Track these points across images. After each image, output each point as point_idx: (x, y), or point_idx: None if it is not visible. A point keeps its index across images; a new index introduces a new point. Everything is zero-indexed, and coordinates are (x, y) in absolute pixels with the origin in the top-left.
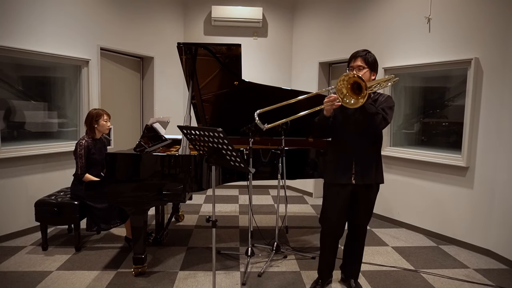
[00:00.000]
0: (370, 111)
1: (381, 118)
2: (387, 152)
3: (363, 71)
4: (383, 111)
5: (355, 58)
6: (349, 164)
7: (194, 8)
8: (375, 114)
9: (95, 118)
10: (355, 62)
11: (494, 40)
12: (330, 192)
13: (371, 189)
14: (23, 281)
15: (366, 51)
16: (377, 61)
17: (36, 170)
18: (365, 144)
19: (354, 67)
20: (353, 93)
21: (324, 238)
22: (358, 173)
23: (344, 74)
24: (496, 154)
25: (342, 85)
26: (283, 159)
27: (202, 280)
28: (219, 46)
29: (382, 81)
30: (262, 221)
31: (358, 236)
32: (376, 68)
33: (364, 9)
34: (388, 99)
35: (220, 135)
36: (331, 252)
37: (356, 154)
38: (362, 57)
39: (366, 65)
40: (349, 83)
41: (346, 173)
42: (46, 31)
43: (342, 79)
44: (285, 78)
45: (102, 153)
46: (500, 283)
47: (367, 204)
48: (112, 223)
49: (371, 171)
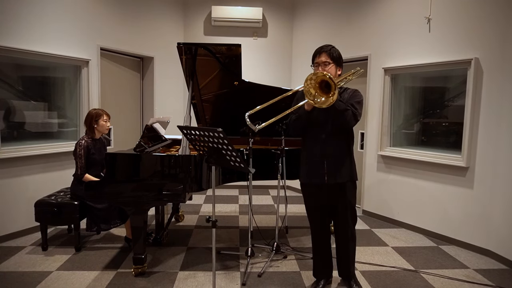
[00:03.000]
0: (339, 108)
1: (351, 115)
2: (387, 152)
3: (328, 66)
4: (352, 106)
5: (320, 53)
6: (321, 163)
7: (194, 8)
8: (344, 111)
9: (95, 118)
10: (319, 58)
11: (494, 40)
12: (306, 193)
13: (347, 187)
14: (23, 281)
15: (330, 46)
16: (341, 55)
17: (36, 170)
18: (336, 142)
19: (319, 63)
20: (322, 92)
21: (312, 239)
22: (330, 172)
23: (310, 73)
24: (496, 154)
25: (309, 85)
26: (283, 159)
27: (202, 280)
28: (219, 46)
29: (349, 75)
30: (262, 221)
31: (344, 236)
32: (341, 63)
33: (364, 9)
34: (355, 93)
35: (220, 135)
36: (320, 252)
37: (327, 153)
38: (327, 52)
39: (332, 60)
40: (317, 82)
41: (318, 173)
42: (46, 31)
43: (309, 79)
44: (285, 78)
45: (101, 153)
46: (500, 283)
47: (345, 203)
48: (112, 223)
49: (343, 169)
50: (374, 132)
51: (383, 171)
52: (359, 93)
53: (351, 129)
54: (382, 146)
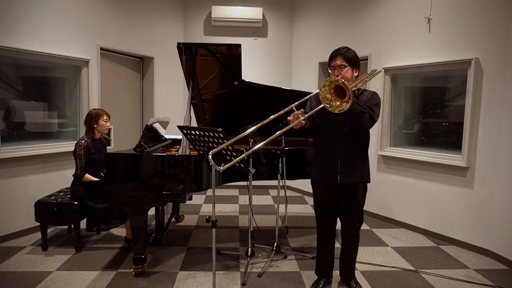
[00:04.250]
0: (356, 111)
1: (367, 117)
2: (387, 152)
3: (344, 69)
4: (369, 109)
5: (335, 57)
6: (335, 163)
7: (194, 8)
8: (361, 113)
9: (95, 118)
10: (335, 61)
11: (494, 40)
12: (317, 192)
13: (357, 188)
14: (23, 281)
15: (346, 48)
16: (357, 56)
17: (36, 170)
18: (351, 143)
19: (335, 66)
20: (337, 96)
21: (317, 237)
22: (343, 172)
23: (325, 80)
24: (496, 154)
25: (326, 91)
26: (283, 159)
27: (202, 280)
28: (219, 46)
29: (365, 77)
30: (262, 221)
31: (349, 236)
32: (358, 64)
33: (364, 9)
34: (374, 96)
35: (220, 135)
36: (324, 251)
37: (342, 153)
38: (342, 55)
39: (347, 63)
40: (331, 87)
41: (331, 172)
42: (46, 31)
43: (324, 85)
44: (285, 78)
45: (101, 153)
46: (500, 283)
47: (353, 204)
48: (112, 223)
49: (356, 170)
50: (374, 132)
51: (383, 171)
52: (376, 95)
53: (367, 131)
54: (382, 146)
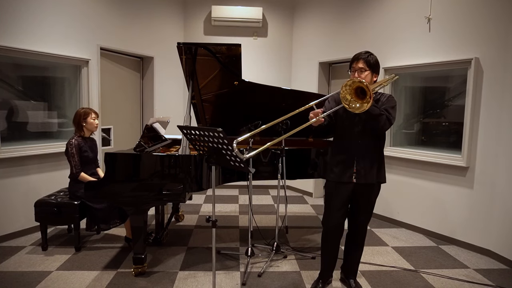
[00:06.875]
0: (373, 113)
1: (385, 119)
2: (387, 152)
3: (364, 73)
4: (386, 111)
5: (357, 60)
6: (351, 163)
7: (194, 8)
8: (378, 116)
9: (83, 116)
10: (357, 64)
11: (494, 40)
12: (331, 191)
13: (372, 189)
14: (23, 281)
15: (368, 53)
16: (378, 62)
17: (36, 170)
18: (368, 144)
19: (356, 68)
20: (357, 98)
21: (325, 238)
22: (359, 172)
23: (347, 80)
24: (496, 154)
25: (346, 91)
26: (283, 159)
27: (202, 280)
28: (219, 46)
29: (384, 81)
30: (262, 221)
31: (358, 235)
32: (378, 70)
33: (364, 9)
34: (390, 99)
35: (220, 135)
36: (333, 253)
37: (358, 153)
38: (364, 59)
39: (368, 67)
40: (353, 88)
41: (347, 172)
42: (46, 31)
43: (346, 85)
44: (285, 78)
45: (93, 150)
46: (500, 283)
47: (367, 204)
48: (111, 223)
49: (373, 170)
50: None
51: None
52: (393, 98)
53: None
54: None
